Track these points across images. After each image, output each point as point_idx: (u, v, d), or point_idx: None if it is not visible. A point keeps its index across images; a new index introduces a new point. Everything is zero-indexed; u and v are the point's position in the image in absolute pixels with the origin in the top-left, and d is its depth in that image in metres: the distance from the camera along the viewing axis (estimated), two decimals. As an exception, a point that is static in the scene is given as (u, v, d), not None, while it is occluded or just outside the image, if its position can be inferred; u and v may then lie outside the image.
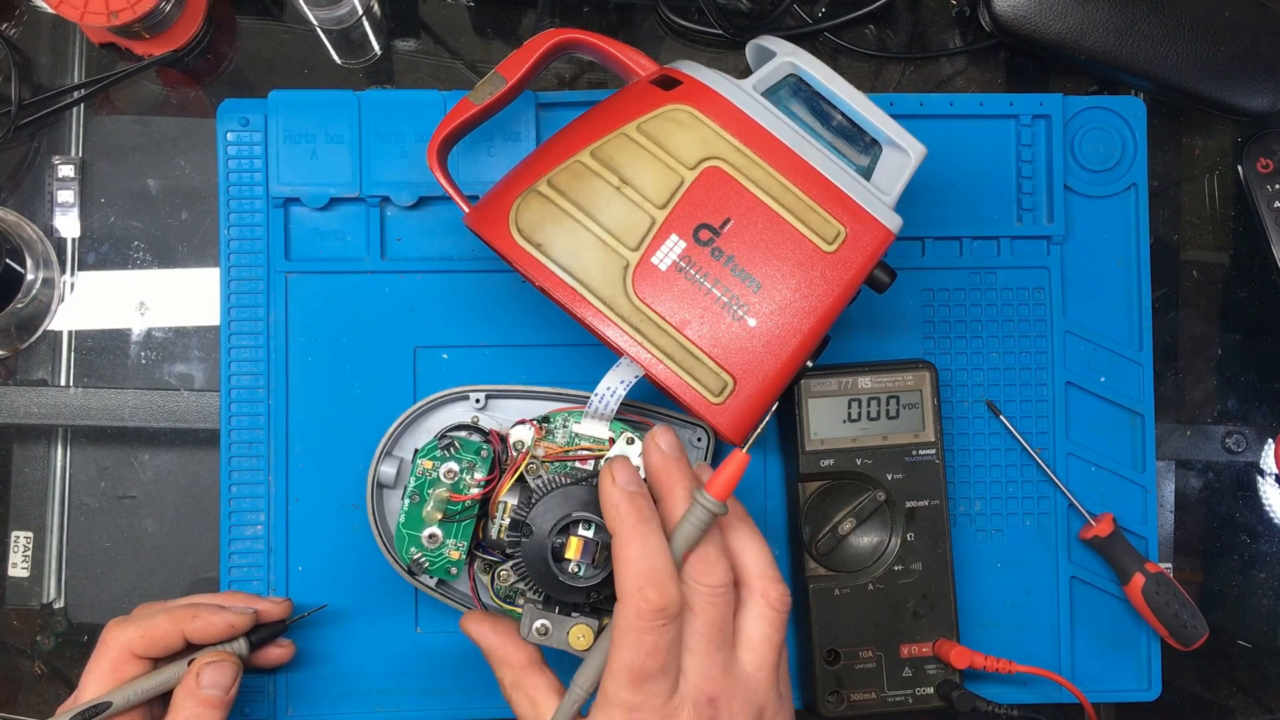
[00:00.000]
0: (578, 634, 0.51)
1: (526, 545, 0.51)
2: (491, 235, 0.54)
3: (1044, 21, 0.67)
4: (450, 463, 0.56)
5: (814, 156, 0.53)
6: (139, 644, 0.55)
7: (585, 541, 0.50)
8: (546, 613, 0.52)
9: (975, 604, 0.65)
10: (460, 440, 0.56)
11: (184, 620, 0.55)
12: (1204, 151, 0.72)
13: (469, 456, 0.56)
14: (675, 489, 0.49)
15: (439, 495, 0.56)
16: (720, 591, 0.48)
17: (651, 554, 0.47)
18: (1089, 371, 0.67)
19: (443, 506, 0.56)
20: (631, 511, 0.48)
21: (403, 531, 0.56)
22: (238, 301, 0.64)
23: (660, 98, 0.54)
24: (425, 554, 0.56)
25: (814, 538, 0.63)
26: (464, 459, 0.56)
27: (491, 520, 0.56)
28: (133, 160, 0.67)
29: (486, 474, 0.56)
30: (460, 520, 0.56)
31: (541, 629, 0.52)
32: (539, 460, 0.56)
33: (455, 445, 0.56)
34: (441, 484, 0.56)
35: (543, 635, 0.52)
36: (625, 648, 0.46)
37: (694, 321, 0.52)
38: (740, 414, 0.52)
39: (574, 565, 0.50)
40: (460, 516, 0.56)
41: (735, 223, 0.53)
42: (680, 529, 0.48)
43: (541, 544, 0.51)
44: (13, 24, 0.68)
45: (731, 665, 0.48)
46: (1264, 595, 0.70)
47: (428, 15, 0.70)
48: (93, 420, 0.66)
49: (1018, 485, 0.66)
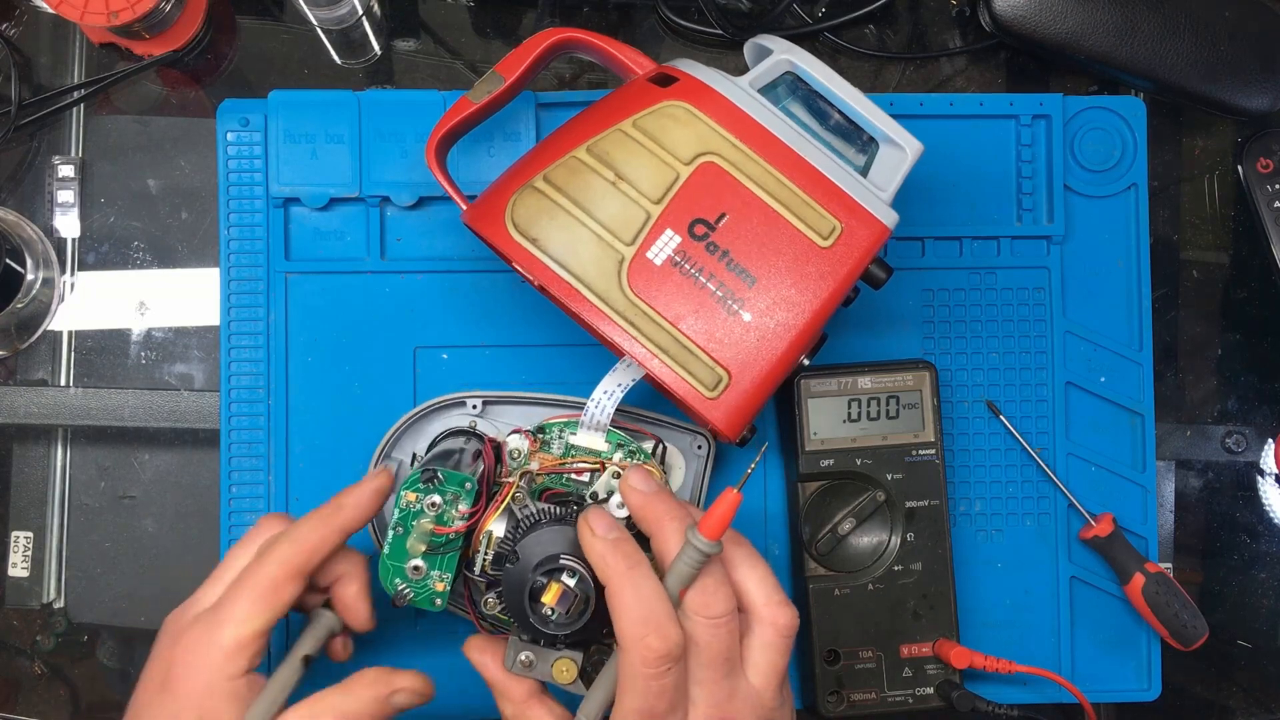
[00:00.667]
0: (561, 667, 0.51)
1: (509, 573, 0.50)
2: (488, 231, 0.54)
3: (1044, 21, 0.67)
4: (434, 495, 0.55)
5: (810, 152, 0.53)
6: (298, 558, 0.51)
7: (564, 590, 0.49)
8: (531, 645, 0.51)
9: (975, 604, 0.65)
10: (444, 473, 0.55)
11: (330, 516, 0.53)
12: (1204, 151, 0.72)
13: (453, 489, 0.55)
14: (664, 523, 0.49)
15: (423, 527, 0.55)
16: (723, 621, 0.47)
17: (647, 599, 0.46)
18: (1089, 371, 0.67)
19: (426, 539, 0.55)
20: (619, 559, 0.47)
21: (387, 563, 0.55)
22: (238, 301, 0.64)
23: (656, 94, 0.54)
24: (410, 585, 0.55)
25: (814, 538, 0.63)
26: (448, 491, 0.55)
27: (475, 553, 0.55)
28: (133, 160, 0.67)
29: (471, 506, 0.55)
30: (444, 553, 0.55)
31: (526, 660, 0.51)
32: (531, 474, 0.56)
33: (439, 478, 0.55)
34: (425, 515, 0.55)
35: (527, 667, 0.51)
36: (633, 694, 0.46)
37: (689, 316, 0.52)
38: (735, 408, 0.52)
39: (548, 610, 0.49)
40: (444, 549, 0.55)
41: (730, 218, 0.53)
42: (674, 569, 0.47)
43: (523, 578, 0.50)
44: (13, 24, 0.69)
45: (739, 688, 0.48)
46: (1264, 595, 0.70)
47: (428, 15, 0.70)
48: (93, 420, 0.66)
49: (1018, 485, 0.66)
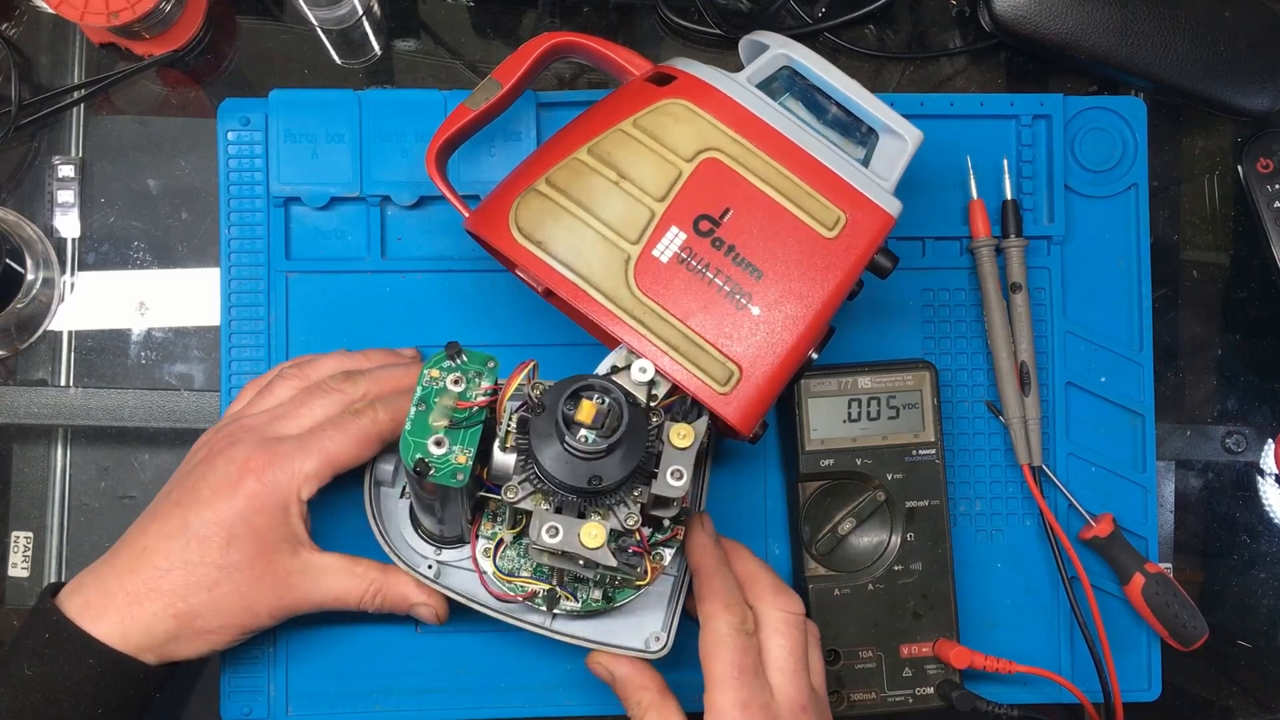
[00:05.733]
0: (589, 531, 0.50)
1: (537, 422, 0.49)
2: (492, 237, 0.54)
3: (1044, 21, 0.67)
4: (457, 372, 0.55)
5: (810, 144, 0.53)
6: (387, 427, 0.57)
7: (597, 407, 0.49)
8: (556, 515, 0.50)
9: (975, 604, 0.65)
10: (467, 351, 0.55)
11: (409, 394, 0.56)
12: (1204, 151, 0.72)
13: (475, 366, 0.55)
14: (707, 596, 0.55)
15: (445, 403, 0.55)
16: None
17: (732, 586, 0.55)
18: (1089, 371, 0.67)
19: (449, 414, 0.54)
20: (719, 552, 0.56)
21: (409, 439, 0.54)
22: (238, 301, 0.64)
23: (655, 93, 0.54)
24: (431, 459, 0.55)
25: (814, 538, 0.63)
26: (470, 369, 0.55)
27: (499, 424, 0.54)
28: (133, 160, 0.67)
29: (493, 382, 0.55)
30: (467, 427, 0.55)
31: (551, 530, 0.50)
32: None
33: (462, 355, 0.55)
34: (448, 392, 0.55)
35: (553, 537, 0.50)
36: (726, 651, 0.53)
37: (697, 312, 0.52)
38: (748, 403, 0.52)
39: (585, 431, 0.49)
40: (467, 423, 0.55)
41: (735, 213, 0.53)
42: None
43: (553, 416, 0.49)
44: (13, 24, 0.68)
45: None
46: (1264, 595, 0.70)
47: (428, 15, 0.70)
48: (93, 420, 0.66)
49: (1018, 485, 0.66)
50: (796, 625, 0.54)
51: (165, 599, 0.53)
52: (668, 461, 0.50)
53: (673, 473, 0.50)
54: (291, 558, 0.56)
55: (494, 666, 0.64)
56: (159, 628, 0.53)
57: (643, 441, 0.50)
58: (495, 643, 0.63)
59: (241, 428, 0.56)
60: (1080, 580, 0.64)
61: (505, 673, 0.64)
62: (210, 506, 0.54)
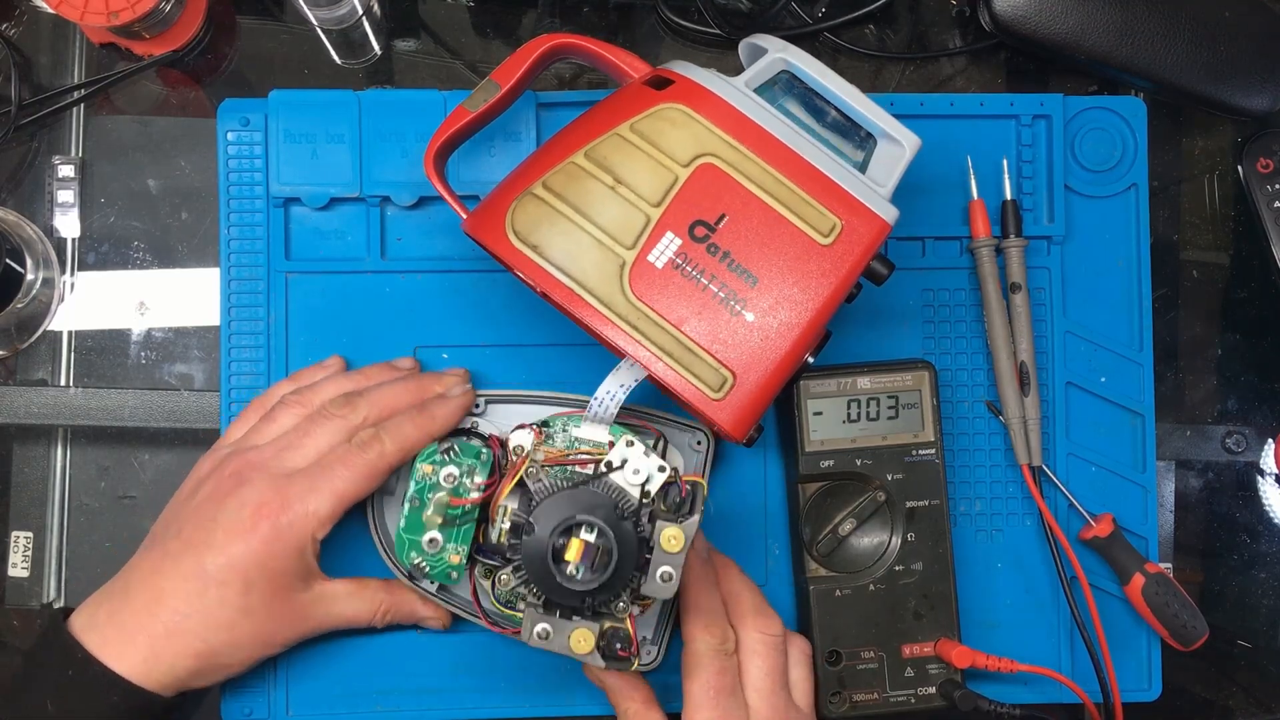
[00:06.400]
0: (579, 638, 0.51)
1: (527, 544, 0.51)
2: (489, 239, 0.54)
3: (1044, 21, 0.67)
4: (450, 467, 0.55)
5: (807, 150, 0.53)
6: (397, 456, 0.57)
7: (586, 545, 0.50)
8: (547, 616, 0.51)
9: (976, 604, 0.65)
10: (460, 444, 0.56)
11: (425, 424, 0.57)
12: (1204, 151, 0.72)
13: (469, 460, 0.56)
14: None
15: (439, 500, 0.55)
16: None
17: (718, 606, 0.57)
18: (1089, 371, 0.67)
19: (443, 511, 0.56)
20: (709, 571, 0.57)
21: (403, 536, 0.56)
22: (238, 301, 0.64)
23: (652, 97, 0.54)
24: (426, 558, 0.56)
25: (814, 538, 0.63)
26: (464, 463, 0.55)
27: (492, 524, 0.55)
28: (133, 160, 0.67)
29: (486, 478, 0.55)
30: (460, 525, 0.56)
31: (542, 633, 0.51)
32: (539, 464, 0.56)
33: (455, 450, 0.56)
34: (441, 488, 0.55)
35: (544, 640, 0.51)
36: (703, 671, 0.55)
37: (692, 318, 0.52)
38: (741, 409, 0.52)
39: (572, 568, 0.50)
40: (460, 521, 0.56)
41: (730, 219, 0.53)
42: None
43: (541, 544, 0.50)
44: (13, 24, 0.68)
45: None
46: (1264, 595, 0.70)
47: (428, 15, 0.70)
48: (93, 420, 0.66)
49: (1018, 485, 0.66)
50: (774, 647, 0.56)
51: (186, 640, 0.55)
52: (658, 563, 0.51)
53: (662, 575, 0.51)
54: (305, 592, 0.57)
55: (494, 667, 0.64)
56: (181, 666, 0.55)
57: (632, 564, 0.51)
58: (495, 643, 0.63)
59: (248, 464, 0.57)
60: (1080, 580, 0.65)
61: (505, 673, 0.64)
62: (224, 552, 0.55)
